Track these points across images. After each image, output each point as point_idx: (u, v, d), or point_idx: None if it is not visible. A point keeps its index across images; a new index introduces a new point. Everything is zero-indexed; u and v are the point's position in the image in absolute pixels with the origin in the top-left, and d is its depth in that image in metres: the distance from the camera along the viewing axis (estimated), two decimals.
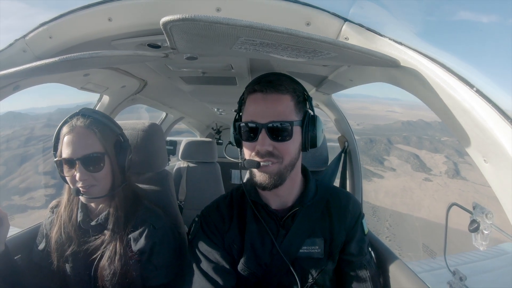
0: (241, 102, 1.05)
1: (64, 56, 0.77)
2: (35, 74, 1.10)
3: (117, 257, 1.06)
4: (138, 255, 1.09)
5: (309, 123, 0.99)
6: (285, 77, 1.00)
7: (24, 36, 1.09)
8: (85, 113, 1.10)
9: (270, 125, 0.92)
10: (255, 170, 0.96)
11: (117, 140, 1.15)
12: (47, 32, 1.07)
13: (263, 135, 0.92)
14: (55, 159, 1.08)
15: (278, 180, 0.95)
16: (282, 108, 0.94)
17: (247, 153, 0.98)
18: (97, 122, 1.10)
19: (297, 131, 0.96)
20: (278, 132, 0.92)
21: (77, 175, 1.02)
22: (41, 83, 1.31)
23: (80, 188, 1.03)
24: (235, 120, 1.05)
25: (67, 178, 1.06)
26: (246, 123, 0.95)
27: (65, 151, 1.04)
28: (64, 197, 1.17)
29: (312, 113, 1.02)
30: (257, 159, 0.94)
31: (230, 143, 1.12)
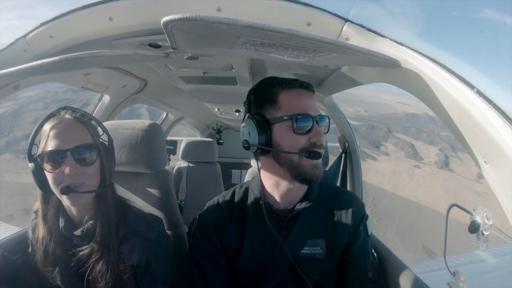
0: (267, 100, 0.98)
1: (65, 56, 0.77)
2: (35, 73, 1.10)
3: (109, 271, 0.97)
4: (133, 268, 1.02)
5: None
6: None
7: (25, 35, 1.09)
8: (72, 108, 1.03)
9: (321, 118, 0.95)
10: (308, 162, 0.93)
11: (104, 140, 1.07)
12: (48, 32, 1.07)
13: (318, 128, 0.93)
14: (35, 155, 0.93)
15: None
16: (318, 105, 1.00)
17: (295, 146, 0.92)
18: (85, 116, 1.03)
19: None
20: (324, 127, 0.97)
21: (67, 169, 0.90)
22: (41, 82, 1.31)
23: (70, 185, 0.90)
24: (259, 120, 0.96)
25: (51, 176, 0.92)
26: (302, 115, 0.92)
27: (51, 144, 0.91)
28: (39, 213, 1.00)
29: None
30: (316, 150, 0.93)
31: (258, 146, 0.95)
